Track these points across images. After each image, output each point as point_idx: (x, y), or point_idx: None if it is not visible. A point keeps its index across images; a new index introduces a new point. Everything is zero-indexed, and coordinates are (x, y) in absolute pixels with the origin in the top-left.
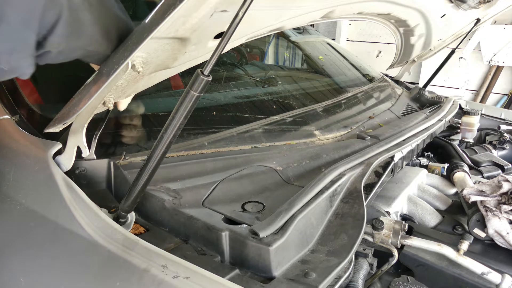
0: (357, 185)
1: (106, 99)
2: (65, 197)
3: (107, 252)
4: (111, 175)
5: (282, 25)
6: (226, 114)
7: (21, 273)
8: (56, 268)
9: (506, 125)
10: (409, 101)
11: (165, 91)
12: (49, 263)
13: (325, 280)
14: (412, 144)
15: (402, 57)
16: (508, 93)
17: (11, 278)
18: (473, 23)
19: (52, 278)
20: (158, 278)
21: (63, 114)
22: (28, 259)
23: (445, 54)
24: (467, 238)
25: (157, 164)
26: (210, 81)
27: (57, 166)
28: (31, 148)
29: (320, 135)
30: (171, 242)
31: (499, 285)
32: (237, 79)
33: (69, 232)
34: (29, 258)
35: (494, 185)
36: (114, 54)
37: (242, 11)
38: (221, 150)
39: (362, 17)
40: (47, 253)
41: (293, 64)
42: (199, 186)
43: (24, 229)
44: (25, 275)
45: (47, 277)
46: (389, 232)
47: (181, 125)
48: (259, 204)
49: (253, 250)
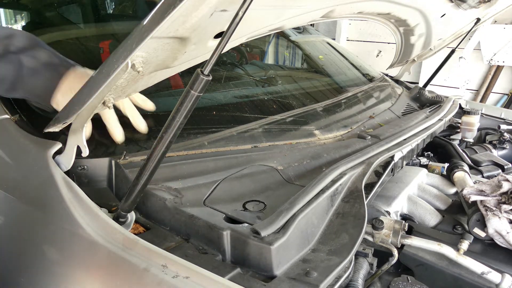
0: (358, 185)
1: (106, 98)
2: (65, 197)
3: (107, 252)
4: (112, 174)
5: (282, 25)
6: (226, 114)
7: (21, 273)
8: (56, 268)
9: (506, 124)
10: (409, 101)
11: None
12: (49, 263)
13: (326, 279)
14: (412, 143)
15: (402, 56)
16: (508, 92)
17: (11, 278)
18: (473, 22)
19: (52, 278)
20: (158, 278)
21: (63, 113)
22: (28, 259)
23: (445, 54)
24: (467, 237)
25: (157, 164)
26: (210, 80)
27: (56, 165)
28: (31, 147)
29: (320, 134)
30: (172, 241)
31: (499, 285)
32: (237, 79)
33: (69, 231)
34: (29, 258)
35: (494, 184)
36: (114, 54)
37: (242, 11)
38: (221, 149)
39: (362, 16)
40: (47, 253)
41: (293, 64)
42: (200, 185)
43: (24, 229)
44: (25, 275)
45: (47, 277)
46: (389, 231)
47: (181, 124)
48: (260, 203)
49: (255, 249)
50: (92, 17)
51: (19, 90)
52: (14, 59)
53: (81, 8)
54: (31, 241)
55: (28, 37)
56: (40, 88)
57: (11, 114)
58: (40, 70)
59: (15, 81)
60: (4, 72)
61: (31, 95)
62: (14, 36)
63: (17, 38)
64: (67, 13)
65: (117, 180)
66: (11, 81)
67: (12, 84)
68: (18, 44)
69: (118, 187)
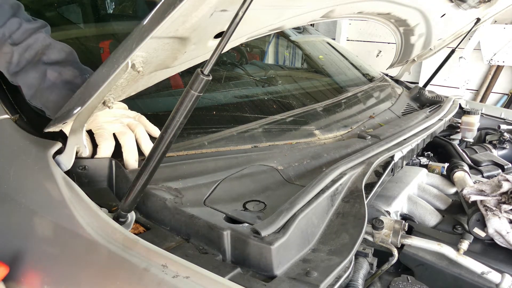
0: (358, 185)
1: (106, 98)
2: (65, 197)
3: (107, 252)
4: (113, 174)
5: (282, 25)
6: (226, 114)
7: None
8: (56, 268)
9: (506, 124)
10: (409, 101)
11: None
12: (49, 263)
13: (326, 279)
14: (412, 143)
15: (402, 56)
16: (508, 92)
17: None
18: (473, 22)
19: (52, 278)
20: (158, 278)
21: (63, 113)
22: (28, 259)
23: (445, 54)
24: (467, 237)
25: (157, 164)
26: (210, 80)
27: (57, 165)
28: (31, 147)
29: (320, 134)
30: (173, 241)
31: (499, 285)
32: (237, 79)
33: (69, 231)
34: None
35: (494, 184)
36: (114, 54)
37: (242, 11)
38: (221, 149)
39: (362, 16)
40: (47, 252)
41: (293, 64)
42: (200, 185)
43: (24, 229)
44: (25, 274)
45: (47, 277)
46: (389, 231)
47: (181, 124)
48: (260, 203)
49: (255, 249)
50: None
51: (37, 100)
52: (41, 69)
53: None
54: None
55: (65, 52)
56: (52, 103)
57: (11, 114)
58: (58, 86)
59: (36, 90)
60: (31, 80)
61: (44, 107)
62: (52, 48)
63: (52, 51)
64: (67, 13)
65: (117, 180)
66: (35, 90)
67: (35, 92)
68: (52, 57)
69: (118, 187)
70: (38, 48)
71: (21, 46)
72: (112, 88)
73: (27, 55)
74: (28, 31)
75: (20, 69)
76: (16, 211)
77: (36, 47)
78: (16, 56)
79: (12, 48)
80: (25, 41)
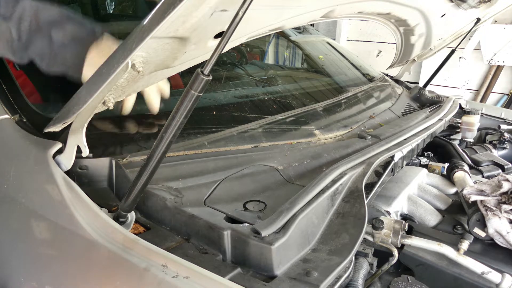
0: (358, 185)
1: (106, 98)
2: (65, 197)
3: (107, 252)
4: (113, 174)
5: (282, 25)
6: (226, 114)
7: (21, 272)
8: (56, 268)
9: (506, 124)
10: (409, 101)
11: None
12: (49, 263)
13: (326, 279)
14: (412, 143)
15: (402, 56)
16: (509, 92)
17: (11, 277)
18: (473, 22)
19: (52, 278)
20: (158, 278)
21: (63, 113)
22: (28, 259)
23: (445, 54)
24: (467, 237)
25: (157, 164)
26: (210, 80)
27: (57, 165)
28: (31, 147)
29: (320, 134)
30: (173, 240)
31: (499, 285)
32: (237, 79)
33: (69, 231)
34: (29, 258)
35: (494, 184)
36: (114, 54)
37: (242, 11)
38: (221, 149)
39: (362, 16)
40: (47, 252)
41: (293, 64)
42: (200, 185)
43: (24, 228)
44: (25, 274)
45: (47, 277)
46: (389, 231)
47: (181, 124)
48: (260, 203)
49: (255, 249)
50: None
51: (54, 66)
52: (45, 34)
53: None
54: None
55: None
56: (69, 63)
57: (11, 114)
58: (68, 44)
59: (50, 56)
60: (40, 49)
61: (64, 70)
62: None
63: (44, 12)
64: None
65: (118, 180)
66: (49, 57)
67: (50, 60)
68: (48, 18)
69: (119, 187)
70: (30, 15)
71: (13, 19)
72: (112, 88)
73: (23, 27)
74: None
75: (24, 43)
76: (16, 211)
77: (28, 15)
78: (14, 31)
79: (7, 24)
80: (14, 14)
